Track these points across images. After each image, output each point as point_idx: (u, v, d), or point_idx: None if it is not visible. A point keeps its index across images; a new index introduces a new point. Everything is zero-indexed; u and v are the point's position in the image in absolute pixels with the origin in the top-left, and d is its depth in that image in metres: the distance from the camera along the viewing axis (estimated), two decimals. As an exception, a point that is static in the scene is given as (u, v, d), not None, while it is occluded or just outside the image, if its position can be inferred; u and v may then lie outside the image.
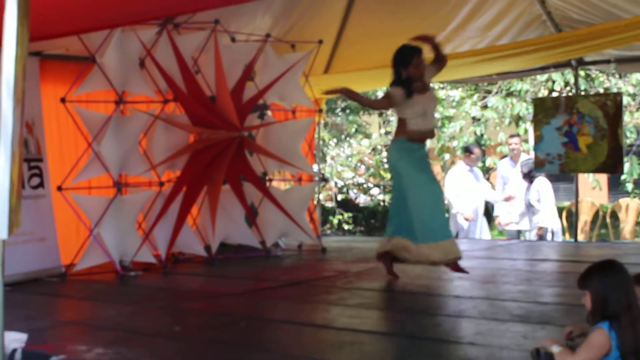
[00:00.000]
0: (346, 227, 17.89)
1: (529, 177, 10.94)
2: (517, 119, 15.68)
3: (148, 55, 8.05)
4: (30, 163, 7.43)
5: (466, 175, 11.32)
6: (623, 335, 3.32)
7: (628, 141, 15.82)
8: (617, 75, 14.69)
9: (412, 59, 6.64)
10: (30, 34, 4.02)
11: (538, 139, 10.21)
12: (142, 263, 7.85)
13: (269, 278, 7.45)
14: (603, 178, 18.46)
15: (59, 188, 7.52)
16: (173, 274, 7.83)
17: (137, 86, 8.08)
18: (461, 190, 11.15)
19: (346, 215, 17.92)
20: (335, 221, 17.67)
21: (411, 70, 6.65)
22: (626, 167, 14.99)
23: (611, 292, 3.39)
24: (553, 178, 21.75)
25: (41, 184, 7.53)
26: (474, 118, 16.60)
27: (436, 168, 15.75)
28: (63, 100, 7.60)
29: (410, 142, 6.72)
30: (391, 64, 6.78)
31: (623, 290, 3.40)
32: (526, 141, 15.55)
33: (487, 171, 16.33)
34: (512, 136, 11.85)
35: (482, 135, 16.40)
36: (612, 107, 9.62)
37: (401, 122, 6.81)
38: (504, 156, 13.48)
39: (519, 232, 11.27)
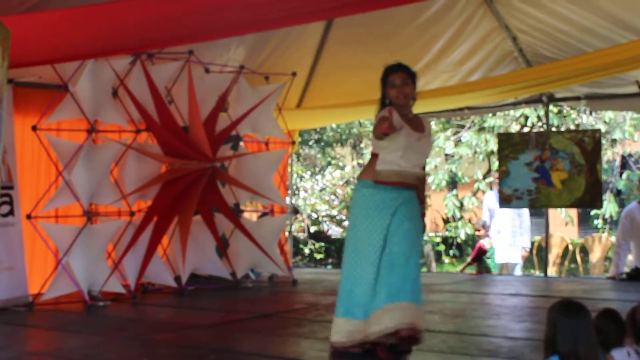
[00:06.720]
0: (318, 257, 17.88)
1: None
2: (489, 155, 15.74)
3: (121, 84, 8.05)
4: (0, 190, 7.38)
5: None
6: None
7: (602, 178, 15.92)
8: (589, 112, 14.82)
9: (387, 76, 5.04)
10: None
11: (503, 175, 10.26)
12: (111, 293, 7.80)
13: (239, 310, 7.42)
14: (574, 213, 18.58)
15: (28, 216, 7.48)
16: (142, 304, 7.77)
17: (109, 115, 8.06)
18: None
19: (317, 245, 17.91)
20: (307, 251, 17.65)
21: (389, 91, 5.00)
22: (604, 204, 15.10)
23: (559, 334, 3.39)
24: (523, 213, 21.87)
25: (11, 212, 7.47)
26: (447, 155, 16.61)
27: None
28: (34, 128, 7.58)
29: (377, 187, 4.91)
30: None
31: (572, 336, 3.37)
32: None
33: (461, 208, 16.31)
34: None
35: (456, 173, 16.41)
36: (589, 143, 9.72)
37: (372, 159, 5.02)
38: (476, 191, 13.51)
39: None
